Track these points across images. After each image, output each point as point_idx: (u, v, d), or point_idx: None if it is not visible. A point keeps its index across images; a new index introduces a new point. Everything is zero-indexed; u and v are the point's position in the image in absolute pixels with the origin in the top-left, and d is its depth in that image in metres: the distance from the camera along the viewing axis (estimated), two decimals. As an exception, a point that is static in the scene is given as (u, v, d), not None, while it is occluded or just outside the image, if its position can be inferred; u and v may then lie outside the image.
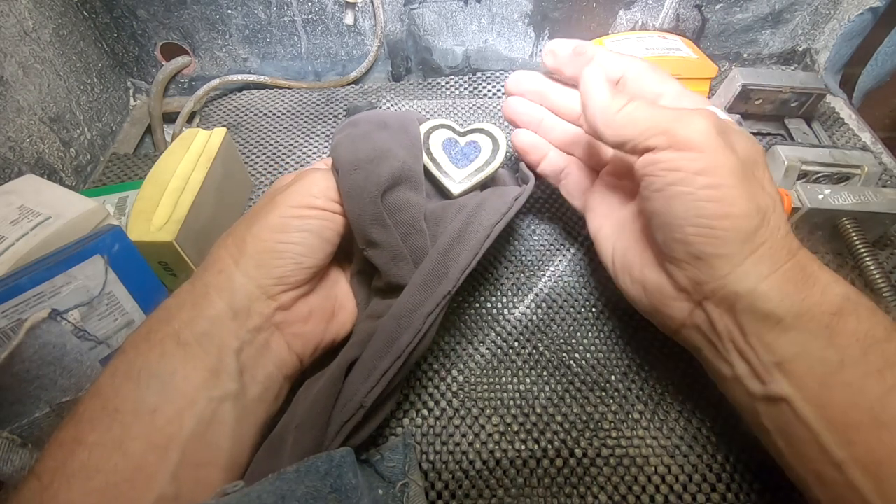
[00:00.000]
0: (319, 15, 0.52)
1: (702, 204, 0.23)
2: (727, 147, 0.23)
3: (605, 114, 0.25)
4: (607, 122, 0.25)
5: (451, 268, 0.26)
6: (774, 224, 0.23)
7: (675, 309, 0.26)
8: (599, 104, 0.26)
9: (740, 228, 0.22)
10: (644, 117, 0.25)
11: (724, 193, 0.22)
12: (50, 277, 0.27)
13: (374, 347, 0.26)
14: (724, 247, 0.23)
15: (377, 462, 0.26)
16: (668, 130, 0.24)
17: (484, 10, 0.53)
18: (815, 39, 0.56)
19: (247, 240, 0.26)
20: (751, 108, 0.47)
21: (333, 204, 0.27)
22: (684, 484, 0.28)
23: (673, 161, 0.24)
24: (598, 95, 0.26)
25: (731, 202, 0.22)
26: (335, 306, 0.30)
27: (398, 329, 0.25)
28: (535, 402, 0.31)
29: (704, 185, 0.23)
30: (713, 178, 0.23)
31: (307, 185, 0.27)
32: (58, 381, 0.26)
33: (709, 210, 0.23)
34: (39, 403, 0.26)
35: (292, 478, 0.20)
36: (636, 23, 0.55)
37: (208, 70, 0.56)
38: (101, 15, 0.50)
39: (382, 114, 0.32)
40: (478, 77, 0.57)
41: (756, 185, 0.23)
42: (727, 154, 0.23)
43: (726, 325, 0.24)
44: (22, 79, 0.42)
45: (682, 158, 0.23)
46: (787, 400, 0.22)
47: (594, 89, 0.26)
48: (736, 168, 0.23)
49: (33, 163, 0.42)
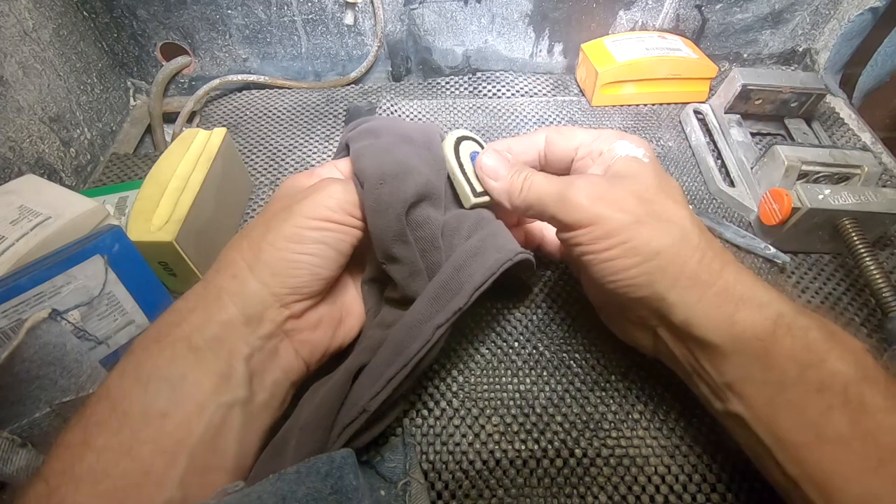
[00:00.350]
0: (319, 15, 0.52)
1: (607, 265, 0.25)
2: (613, 206, 0.25)
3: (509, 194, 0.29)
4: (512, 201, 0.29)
5: (466, 284, 0.26)
6: (689, 252, 0.24)
7: (642, 339, 0.28)
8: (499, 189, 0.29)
9: (650, 272, 0.24)
10: (537, 192, 0.27)
11: (625, 249, 0.24)
12: (50, 277, 0.27)
13: (383, 355, 0.26)
14: (643, 290, 0.24)
15: (378, 463, 0.26)
16: (559, 204, 0.26)
17: (484, 10, 0.53)
18: (815, 39, 0.56)
19: (262, 247, 0.26)
20: (751, 108, 0.47)
21: (351, 218, 0.27)
22: (684, 484, 0.28)
23: (572, 238, 0.26)
24: (493, 184, 0.29)
25: (633, 253, 0.24)
26: (343, 313, 0.30)
27: (408, 338, 0.25)
28: (535, 402, 0.31)
29: (603, 248, 0.25)
30: (611, 239, 0.24)
31: (324, 198, 0.27)
32: (58, 381, 0.26)
33: (616, 266, 0.25)
34: (39, 403, 0.26)
35: (293, 478, 0.20)
36: (636, 23, 0.55)
37: (208, 70, 0.56)
38: (101, 15, 0.50)
39: (405, 126, 0.32)
40: (478, 77, 0.57)
41: (659, 222, 0.24)
42: (614, 214, 0.24)
43: (681, 351, 0.26)
44: (22, 79, 0.42)
45: (581, 235, 0.25)
46: (743, 418, 0.23)
47: (488, 172, 0.30)
48: (626, 222, 0.24)
49: (33, 163, 0.42)
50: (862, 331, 0.35)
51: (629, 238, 0.24)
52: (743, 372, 0.23)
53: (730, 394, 0.23)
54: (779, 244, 0.39)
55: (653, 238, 0.24)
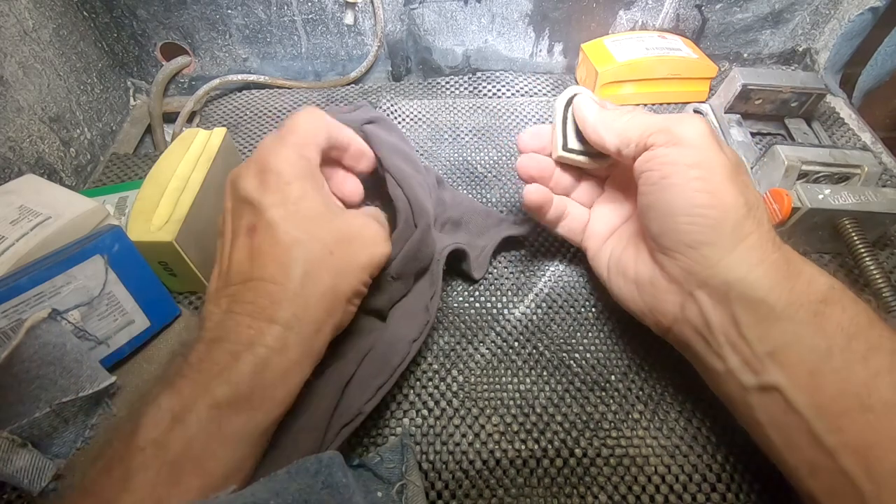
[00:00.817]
0: (319, 15, 0.52)
1: (694, 194, 0.25)
2: (718, 146, 0.26)
3: (606, 123, 0.29)
4: (609, 129, 0.29)
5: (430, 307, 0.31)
6: (760, 219, 0.25)
7: (667, 303, 0.27)
8: (597, 118, 0.30)
9: (729, 218, 0.24)
10: (644, 120, 0.28)
11: (715, 186, 0.24)
12: (50, 277, 0.27)
13: (370, 368, 0.29)
14: (714, 235, 0.24)
15: (376, 465, 0.26)
16: (666, 129, 0.26)
17: (484, 10, 0.53)
18: (815, 39, 0.56)
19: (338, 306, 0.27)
20: (751, 107, 0.47)
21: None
22: (684, 484, 0.28)
23: (668, 155, 0.26)
24: (592, 113, 0.30)
25: (720, 194, 0.24)
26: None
27: (390, 352, 0.29)
28: (535, 402, 0.31)
29: (696, 177, 0.25)
30: (704, 171, 0.25)
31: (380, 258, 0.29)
32: (58, 381, 0.26)
33: (700, 200, 0.24)
34: (39, 403, 0.26)
35: (283, 478, 0.21)
36: (636, 23, 0.55)
37: (208, 70, 0.56)
38: (101, 15, 0.50)
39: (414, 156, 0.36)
40: (478, 77, 0.57)
41: (742, 184, 0.25)
42: (718, 152, 0.25)
43: (719, 317, 0.25)
44: (22, 79, 0.42)
45: (677, 153, 0.26)
46: (780, 389, 0.23)
47: (588, 109, 0.30)
48: (725, 165, 0.25)
49: (33, 163, 0.42)
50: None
51: (725, 179, 0.24)
52: (791, 337, 0.23)
53: (769, 363, 0.23)
54: (779, 244, 0.39)
55: (745, 192, 0.24)
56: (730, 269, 0.24)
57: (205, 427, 0.21)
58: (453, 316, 0.35)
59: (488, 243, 0.37)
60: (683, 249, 0.25)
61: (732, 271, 0.24)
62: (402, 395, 0.31)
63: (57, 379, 0.26)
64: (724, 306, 0.24)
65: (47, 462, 0.26)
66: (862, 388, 0.21)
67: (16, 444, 0.25)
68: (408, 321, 0.31)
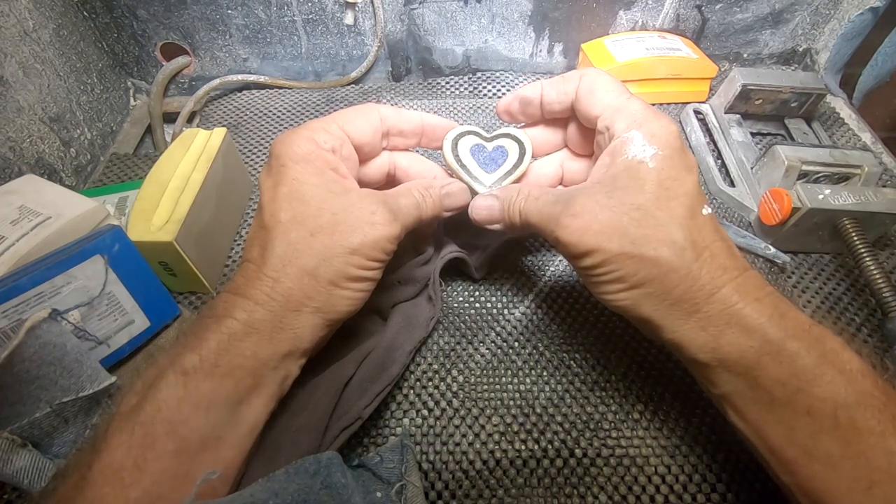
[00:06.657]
0: (319, 15, 0.52)
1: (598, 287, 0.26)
2: (601, 236, 0.25)
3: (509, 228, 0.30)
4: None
5: (422, 318, 0.32)
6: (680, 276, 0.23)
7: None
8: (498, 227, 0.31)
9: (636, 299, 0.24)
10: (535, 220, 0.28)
11: (614, 276, 0.24)
12: (50, 277, 0.27)
13: (368, 372, 0.29)
14: (631, 312, 0.25)
15: (376, 465, 0.26)
16: (553, 242, 0.27)
17: (484, 10, 0.53)
18: (815, 39, 0.56)
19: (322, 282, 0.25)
20: (751, 108, 0.47)
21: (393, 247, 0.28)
22: (684, 484, 0.28)
23: (569, 260, 0.27)
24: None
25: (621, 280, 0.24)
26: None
27: (388, 360, 0.30)
28: (535, 402, 0.31)
29: (594, 274, 0.25)
30: (599, 269, 0.25)
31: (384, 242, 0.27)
32: (58, 381, 0.26)
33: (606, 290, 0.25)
34: (39, 403, 0.26)
35: (282, 478, 0.21)
36: (636, 23, 0.55)
37: (208, 70, 0.56)
38: (101, 15, 0.50)
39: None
40: (478, 77, 0.57)
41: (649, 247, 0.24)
42: (601, 245, 0.24)
43: (681, 359, 0.26)
44: (22, 79, 0.42)
45: (571, 260, 0.27)
46: (739, 428, 0.24)
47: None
48: (614, 253, 0.24)
49: (33, 163, 0.42)
50: (862, 331, 0.35)
51: (617, 268, 0.24)
52: (732, 388, 0.23)
53: (725, 405, 0.24)
54: (779, 244, 0.39)
55: (640, 268, 0.24)
56: (660, 331, 0.24)
57: (173, 391, 0.22)
58: (453, 316, 0.35)
59: (489, 244, 0.37)
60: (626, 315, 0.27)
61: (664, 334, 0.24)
62: (402, 396, 0.31)
63: (57, 379, 0.26)
64: (678, 352, 0.25)
65: (47, 462, 0.26)
66: (808, 441, 0.21)
67: (16, 444, 0.25)
68: (408, 332, 0.31)
